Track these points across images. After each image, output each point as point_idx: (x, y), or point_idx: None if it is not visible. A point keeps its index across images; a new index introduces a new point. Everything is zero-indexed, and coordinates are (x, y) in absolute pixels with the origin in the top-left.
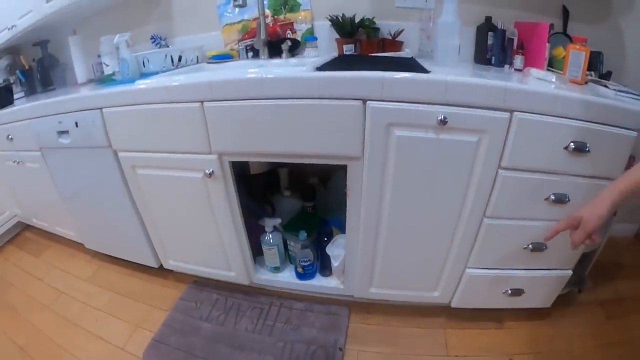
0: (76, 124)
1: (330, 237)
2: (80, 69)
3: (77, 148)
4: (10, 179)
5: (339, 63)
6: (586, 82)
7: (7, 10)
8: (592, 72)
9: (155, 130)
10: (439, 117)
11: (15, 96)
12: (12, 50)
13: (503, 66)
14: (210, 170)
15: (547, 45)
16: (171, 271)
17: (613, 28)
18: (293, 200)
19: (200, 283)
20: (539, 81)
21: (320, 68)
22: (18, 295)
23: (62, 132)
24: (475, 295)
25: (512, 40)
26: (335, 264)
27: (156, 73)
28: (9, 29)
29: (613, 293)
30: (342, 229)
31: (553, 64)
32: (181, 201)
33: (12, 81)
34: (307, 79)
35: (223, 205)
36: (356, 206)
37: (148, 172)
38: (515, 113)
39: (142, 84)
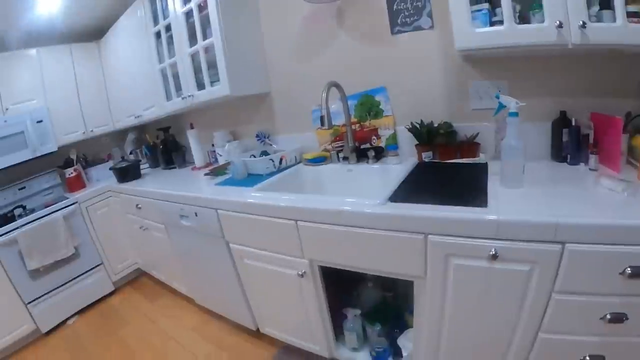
0: (195, 214)
1: (403, 328)
2: (197, 156)
3: (196, 231)
4: (136, 238)
5: (411, 186)
6: None
7: (134, 102)
8: None
9: (261, 234)
10: (491, 252)
11: (141, 166)
12: (139, 126)
13: (578, 164)
14: (302, 272)
15: (624, 138)
16: (265, 335)
17: None
18: (375, 290)
19: (289, 349)
20: (608, 192)
21: (392, 197)
22: (132, 333)
23: (183, 216)
24: None
25: (587, 136)
26: (404, 354)
27: (261, 176)
28: (135, 117)
29: None
30: None
31: (634, 154)
32: (278, 288)
33: (137, 154)
34: (376, 216)
35: (312, 297)
36: (422, 313)
37: (253, 263)
38: (567, 245)
39: (250, 197)
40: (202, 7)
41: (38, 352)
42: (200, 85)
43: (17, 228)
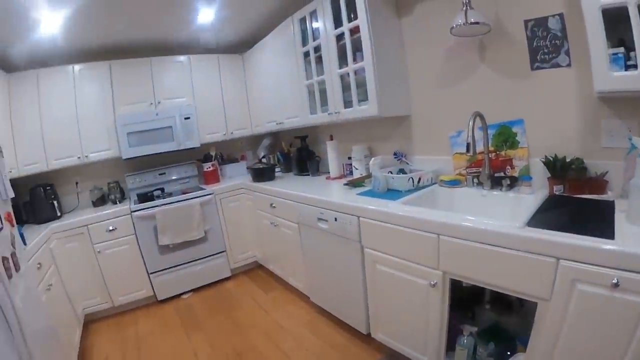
0: (335, 219)
1: (513, 352)
2: (333, 166)
3: (331, 234)
4: (262, 233)
5: (545, 214)
6: None
7: (276, 111)
8: None
9: (399, 243)
10: (613, 281)
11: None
12: (274, 134)
13: None
14: (435, 282)
15: None
16: (372, 340)
17: None
18: (491, 313)
19: (394, 357)
20: None
21: (530, 222)
22: (244, 316)
23: (321, 219)
24: None
25: None
26: None
27: (399, 192)
28: (277, 123)
29: None
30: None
31: None
32: (404, 295)
33: (270, 158)
34: (514, 236)
35: (436, 308)
36: (537, 335)
37: (385, 269)
38: None
39: (395, 209)
40: (353, 31)
41: (151, 314)
42: (347, 104)
43: (157, 206)
